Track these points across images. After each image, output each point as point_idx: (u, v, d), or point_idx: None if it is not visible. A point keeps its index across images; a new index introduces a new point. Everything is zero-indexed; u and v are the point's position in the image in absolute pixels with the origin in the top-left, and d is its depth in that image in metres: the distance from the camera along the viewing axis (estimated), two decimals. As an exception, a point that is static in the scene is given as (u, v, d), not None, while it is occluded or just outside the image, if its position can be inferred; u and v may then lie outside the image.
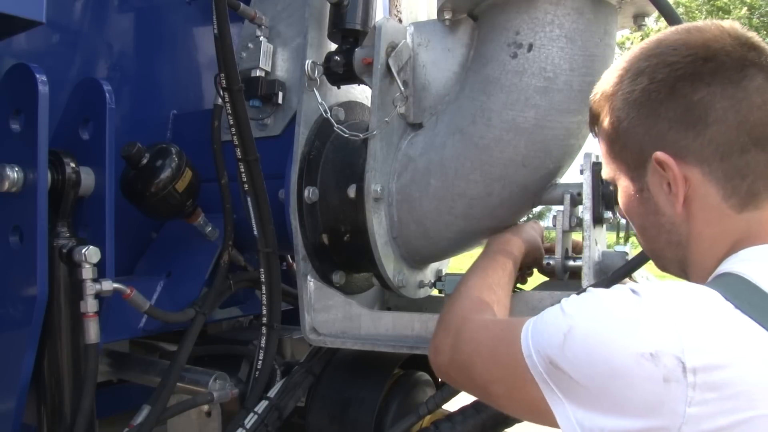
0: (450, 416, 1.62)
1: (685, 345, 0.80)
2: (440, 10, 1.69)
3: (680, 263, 1.08)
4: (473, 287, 1.42)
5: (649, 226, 1.10)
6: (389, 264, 1.73)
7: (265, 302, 1.79)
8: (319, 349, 1.88)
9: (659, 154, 1.00)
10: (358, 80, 1.81)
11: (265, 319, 1.80)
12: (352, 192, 1.70)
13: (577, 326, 0.90)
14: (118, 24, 2.08)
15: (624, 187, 1.12)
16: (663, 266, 1.13)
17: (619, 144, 1.08)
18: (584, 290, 1.03)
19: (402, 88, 1.67)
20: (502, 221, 1.70)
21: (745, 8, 25.68)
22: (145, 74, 2.13)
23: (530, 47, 1.52)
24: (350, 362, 1.91)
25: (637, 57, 1.06)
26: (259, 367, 1.80)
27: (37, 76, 1.43)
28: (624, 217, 1.21)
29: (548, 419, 0.95)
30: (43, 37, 1.85)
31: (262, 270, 1.78)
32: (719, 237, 1.00)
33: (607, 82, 1.09)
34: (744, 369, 0.79)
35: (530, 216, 1.04)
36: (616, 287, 0.94)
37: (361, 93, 2.02)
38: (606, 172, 1.15)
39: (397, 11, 2.11)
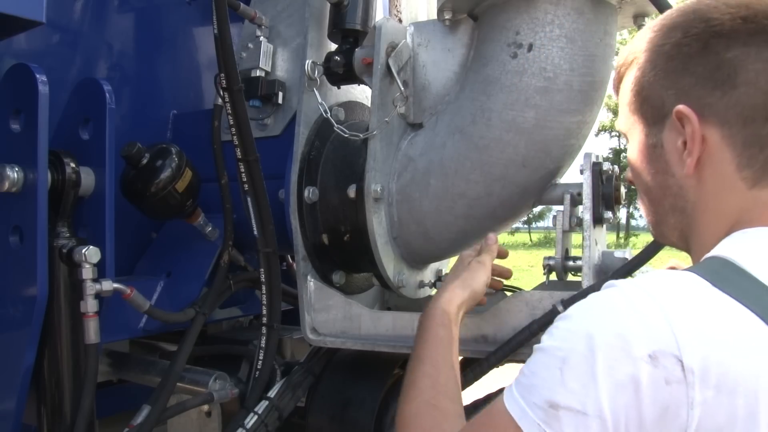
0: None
1: (680, 341, 0.76)
2: (440, 10, 1.69)
3: (682, 232, 1.04)
4: (428, 395, 1.24)
5: (656, 186, 1.05)
6: (389, 264, 1.73)
7: (265, 302, 1.79)
8: (319, 349, 1.88)
9: (682, 107, 0.95)
10: (358, 80, 1.81)
11: (265, 319, 1.80)
12: (352, 192, 1.70)
13: (570, 353, 0.82)
14: (118, 24, 2.08)
15: (637, 142, 1.07)
16: (662, 233, 1.09)
17: (641, 96, 1.04)
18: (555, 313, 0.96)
19: (402, 88, 1.67)
20: (502, 221, 1.71)
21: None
22: (145, 74, 2.13)
23: (530, 47, 1.52)
24: (350, 362, 1.91)
25: (671, 14, 1.03)
26: (259, 367, 1.80)
27: (37, 76, 1.43)
28: (630, 182, 1.17)
29: None
30: (43, 37, 1.85)
31: (261, 270, 1.78)
32: (724, 211, 0.96)
33: (639, 38, 1.06)
34: (741, 363, 0.75)
35: (530, 216, 1.01)
36: (592, 294, 0.87)
37: (361, 93, 2.02)
38: (621, 125, 1.12)
39: (397, 11, 2.12)
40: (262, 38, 1.92)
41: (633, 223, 48.50)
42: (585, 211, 1.52)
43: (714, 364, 0.75)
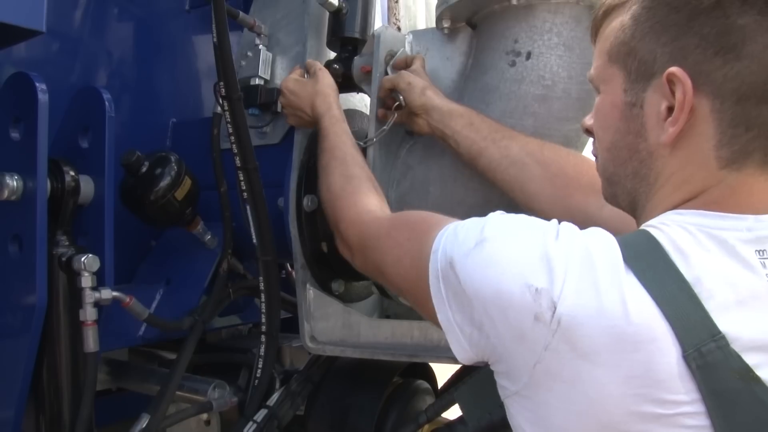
0: (449, 425, 1.62)
1: (564, 291, 0.79)
2: (439, 19, 1.69)
3: (635, 199, 0.97)
4: (341, 169, 1.50)
5: (623, 146, 0.96)
6: (388, 272, 1.73)
7: (264, 310, 1.79)
8: (318, 358, 1.88)
9: (676, 70, 0.85)
10: (357, 88, 1.82)
11: (264, 328, 1.80)
12: (351, 200, 1.70)
13: (490, 241, 0.88)
14: (117, 32, 2.08)
15: (610, 96, 0.97)
16: (613, 195, 1.02)
17: (628, 47, 0.93)
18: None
19: (401, 97, 1.67)
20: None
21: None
22: (144, 82, 2.13)
23: (528, 55, 1.52)
24: (349, 370, 1.91)
25: None
26: (258, 375, 1.80)
27: (37, 84, 1.43)
28: (587, 131, 1.07)
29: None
30: (43, 46, 1.86)
31: (260, 278, 1.77)
32: (686, 187, 0.89)
33: None
34: (599, 335, 0.77)
35: None
36: (549, 222, 0.89)
37: (360, 101, 2.02)
38: (593, 74, 1.01)
39: (396, 19, 2.12)
40: (261, 46, 1.92)
41: (632, 230, 48.30)
42: (584, 219, 1.52)
43: (578, 326, 0.78)
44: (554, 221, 0.88)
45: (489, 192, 1.58)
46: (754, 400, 0.76)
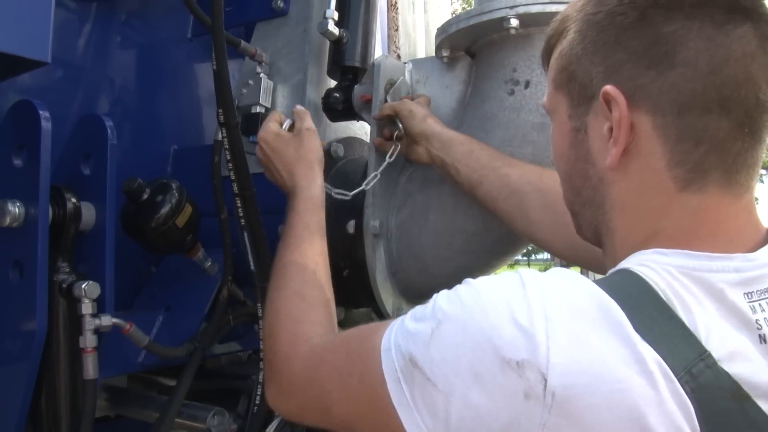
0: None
1: (551, 359, 0.69)
2: (438, 47, 1.71)
3: (597, 228, 0.93)
4: (295, 284, 1.27)
5: (576, 174, 0.93)
6: (388, 299, 1.73)
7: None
8: (317, 384, 1.87)
9: (609, 88, 0.82)
10: (357, 117, 1.83)
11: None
12: (351, 228, 1.71)
13: (447, 320, 0.79)
14: (120, 60, 2.10)
15: (558, 125, 0.95)
16: (578, 227, 0.99)
17: (567, 72, 0.91)
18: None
19: (400, 125, 1.68)
20: (500, 256, 1.71)
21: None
22: (146, 109, 2.14)
23: (527, 84, 1.54)
24: (349, 397, 1.89)
25: None
26: (257, 402, 1.79)
27: (40, 112, 1.44)
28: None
29: None
30: (47, 73, 1.87)
31: (259, 305, 1.77)
32: (647, 214, 0.84)
33: (572, 5, 0.93)
34: (602, 403, 0.68)
35: (528, 249, 1.01)
36: (506, 274, 0.80)
37: (360, 129, 2.04)
38: (545, 104, 1.00)
39: (396, 48, 2.14)
40: (262, 75, 1.93)
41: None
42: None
43: (575, 398, 0.68)
44: (510, 274, 0.80)
45: (489, 220, 1.59)
46: (747, 420, 0.70)
